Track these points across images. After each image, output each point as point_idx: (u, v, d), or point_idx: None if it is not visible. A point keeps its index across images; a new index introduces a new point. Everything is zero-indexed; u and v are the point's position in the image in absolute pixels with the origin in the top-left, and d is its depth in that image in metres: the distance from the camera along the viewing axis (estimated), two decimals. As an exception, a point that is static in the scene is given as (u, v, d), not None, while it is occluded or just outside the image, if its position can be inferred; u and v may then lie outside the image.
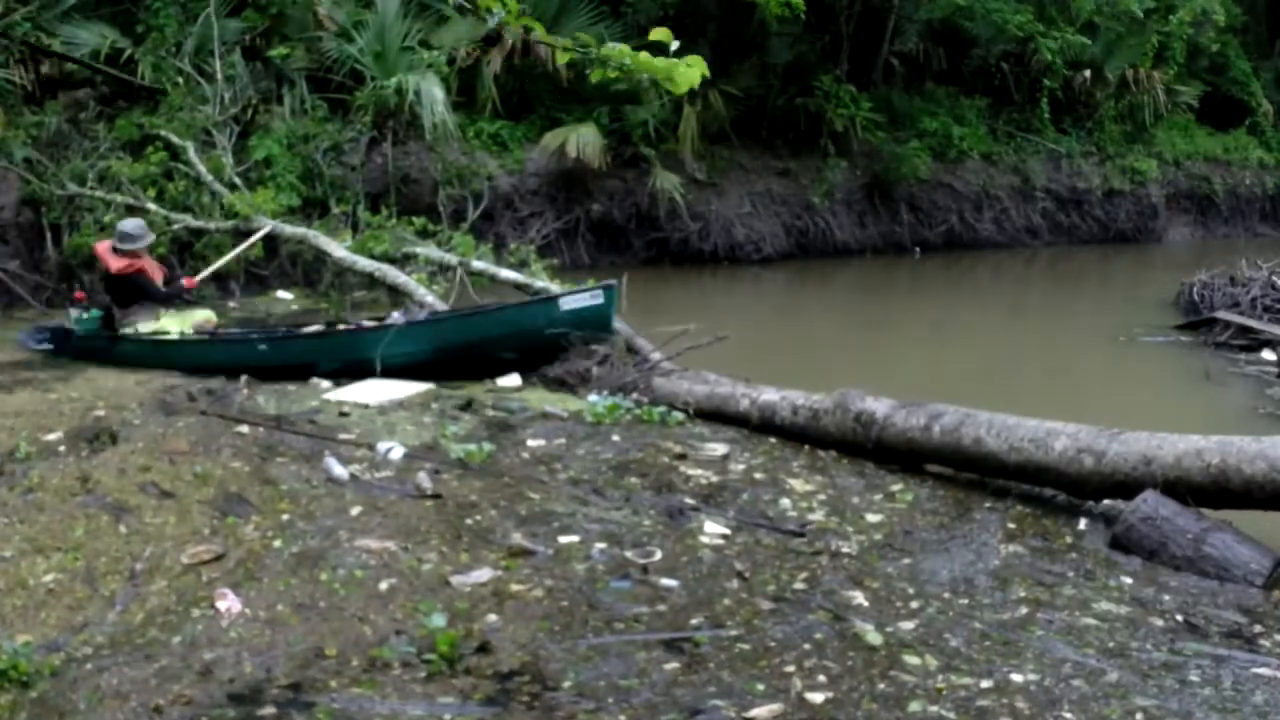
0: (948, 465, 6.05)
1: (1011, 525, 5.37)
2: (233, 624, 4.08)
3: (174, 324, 8.64)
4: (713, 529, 5.18)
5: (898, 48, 19.59)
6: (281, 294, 12.12)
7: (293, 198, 12.85)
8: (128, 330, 8.56)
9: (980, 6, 18.60)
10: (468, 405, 7.14)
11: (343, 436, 6.36)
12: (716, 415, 7.20)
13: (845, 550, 4.97)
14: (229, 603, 4.23)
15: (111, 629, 4.05)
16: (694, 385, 7.62)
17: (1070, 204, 20.82)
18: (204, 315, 8.97)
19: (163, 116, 12.93)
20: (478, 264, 10.39)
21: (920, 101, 19.65)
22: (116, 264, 8.45)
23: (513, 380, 8.01)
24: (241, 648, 3.91)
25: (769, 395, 7.06)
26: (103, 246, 8.69)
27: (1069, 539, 5.24)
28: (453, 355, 8.09)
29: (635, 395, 7.57)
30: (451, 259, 10.52)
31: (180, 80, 13.32)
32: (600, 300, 8.17)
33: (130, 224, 8.69)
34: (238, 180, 12.58)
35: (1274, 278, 12.87)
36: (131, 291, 8.51)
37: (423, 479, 5.58)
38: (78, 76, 13.00)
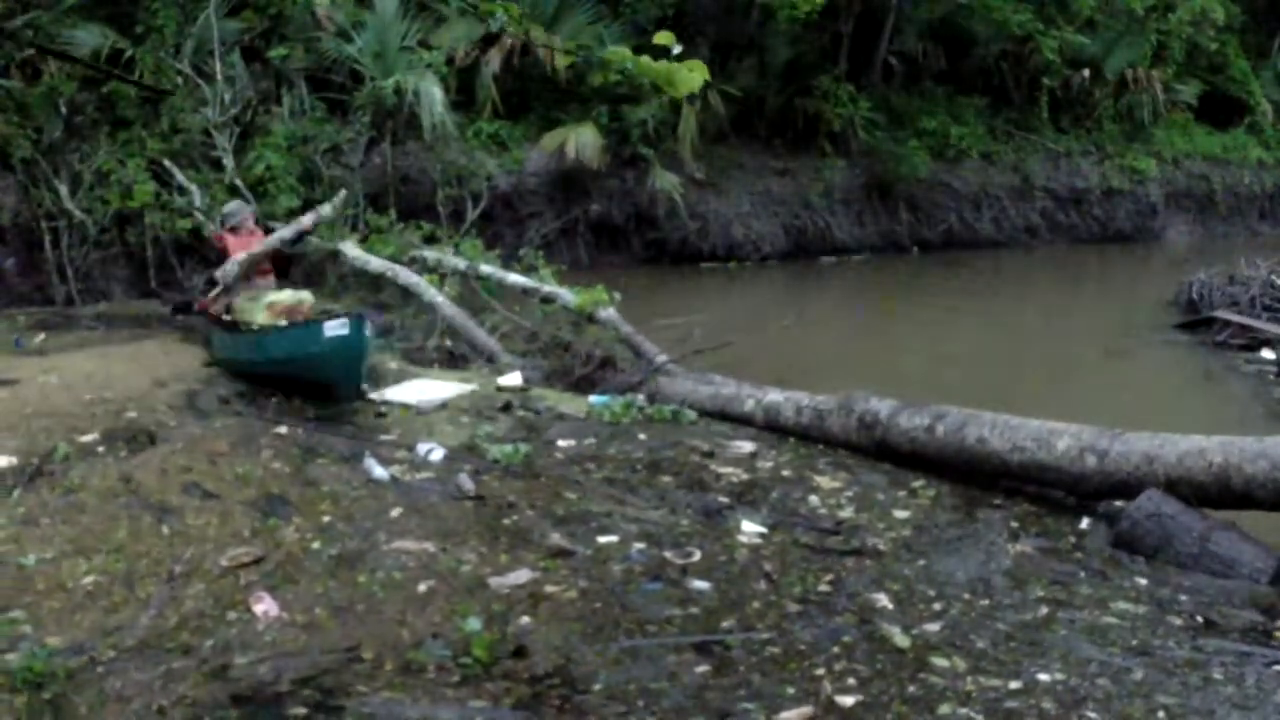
0: (951, 465, 6.06)
1: (1015, 524, 5.38)
2: (269, 627, 4.05)
3: (252, 309, 8.06)
4: (750, 528, 5.18)
5: (896, 47, 19.59)
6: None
7: (292, 199, 12.84)
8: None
9: (981, 4, 18.59)
10: (506, 407, 7.15)
11: (383, 438, 6.37)
12: (721, 416, 7.21)
13: (881, 547, 4.99)
14: (266, 605, 4.20)
15: (143, 632, 4.02)
16: (698, 386, 7.63)
17: (1069, 203, 20.84)
18: (284, 298, 8.11)
19: (166, 119, 12.89)
20: (485, 268, 10.39)
21: (919, 101, 19.66)
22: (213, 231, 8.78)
23: (514, 379, 8.01)
24: (275, 651, 3.88)
25: (773, 396, 7.07)
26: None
27: (1072, 538, 5.25)
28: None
29: (641, 396, 7.59)
30: (459, 264, 10.52)
31: (180, 81, 13.30)
32: (346, 330, 6.95)
33: (229, 205, 9.52)
34: (239, 183, 12.59)
35: (1273, 277, 12.88)
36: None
37: (464, 480, 5.57)
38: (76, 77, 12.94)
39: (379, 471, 5.67)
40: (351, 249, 10.82)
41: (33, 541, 4.74)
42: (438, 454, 6.02)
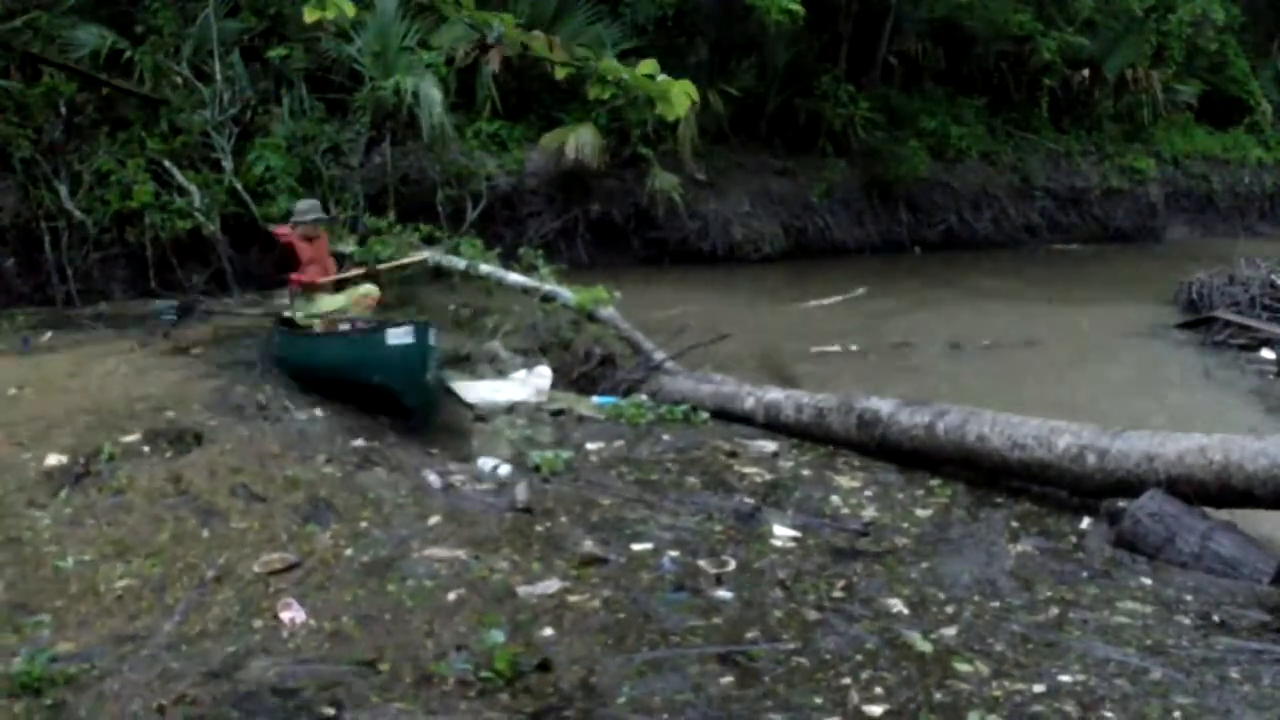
0: (951, 464, 6.05)
1: (1015, 524, 5.38)
2: (294, 634, 4.00)
3: (331, 305, 7.98)
4: (783, 531, 5.17)
5: (896, 47, 19.58)
6: None
7: (291, 200, 12.82)
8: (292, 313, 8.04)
9: (980, 4, 18.58)
10: (559, 413, 7.12)
11: (434, 450, 6.33)
12: (722, 414, 7.21)
13: (912, 548, 4.99)
14: (293, 613, 4.16)
15: (165, 640, 3.96)
16: (699, 385, 7.62)
17: (1069, 203, 20.82)
18: (363, 291, 8.21)
19: (165, 119, 12.88)
20: (485, 268, 10.39)
21: (919, 101, 19.64)
22: (279, 229, 8.20)
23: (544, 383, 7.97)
24: (294, 658, 3.82)
25: (774, 394, 7.07)
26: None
27: (1072, 538, 5.24)
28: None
29: (643, 395, 7.58)
30: (458, 263, 10.52)
31: (180, 81, 13.28)
32: (410, 338, 6.68)
33: (302, 203, 8.54)
34: (239, 185, 12.59)
35: (1273, 277, 12.87)
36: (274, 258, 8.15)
37: (520, 491, 5.51)
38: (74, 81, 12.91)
39: (432, 478, 5.61)
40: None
41: (75, 543, 4.72)
42: (504, 469, 5.94)
